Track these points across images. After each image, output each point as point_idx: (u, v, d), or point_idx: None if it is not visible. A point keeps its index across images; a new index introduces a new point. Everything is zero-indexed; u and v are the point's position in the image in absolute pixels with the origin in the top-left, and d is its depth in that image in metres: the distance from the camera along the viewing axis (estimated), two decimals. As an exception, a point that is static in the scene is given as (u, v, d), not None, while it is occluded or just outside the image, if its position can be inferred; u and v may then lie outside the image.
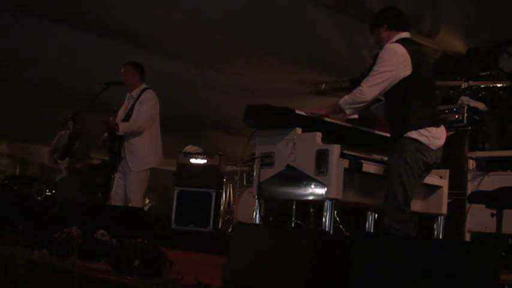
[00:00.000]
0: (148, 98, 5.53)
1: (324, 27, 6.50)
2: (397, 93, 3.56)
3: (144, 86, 5.63)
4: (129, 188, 5.46)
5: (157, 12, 6.34)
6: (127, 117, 5.52)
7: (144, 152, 5.45)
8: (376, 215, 4.51)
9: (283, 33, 6.65)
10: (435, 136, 3.55)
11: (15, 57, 7.45)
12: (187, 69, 8.02)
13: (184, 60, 7.88)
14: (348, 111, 3.65)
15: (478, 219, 4.89)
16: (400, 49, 3.53)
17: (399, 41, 3.60)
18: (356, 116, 3.71)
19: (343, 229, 6.70)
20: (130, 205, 5.48)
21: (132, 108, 5.51)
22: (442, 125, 3.67)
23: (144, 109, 5.41)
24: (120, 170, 5.51)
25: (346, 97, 3.67)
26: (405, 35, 3.68)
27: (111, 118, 5.33)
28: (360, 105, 3.62)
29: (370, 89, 3.54)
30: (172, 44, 7.26)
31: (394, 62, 3.52)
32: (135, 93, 5.58)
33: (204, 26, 6.60)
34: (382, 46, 3.67)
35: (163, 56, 7.64)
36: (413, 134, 3.50)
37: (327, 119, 3.78)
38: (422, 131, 3.50)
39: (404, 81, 3.52)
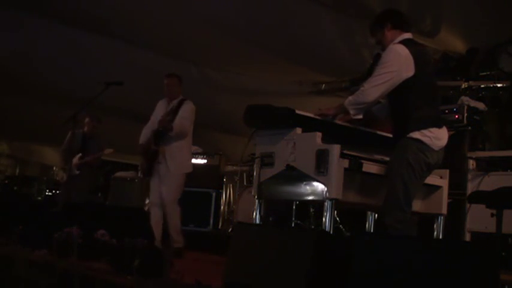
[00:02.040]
0: (189, 108, 5.79)
1: (324, 27, 6.50)
2: (399, 93, 3.56)
3: (181, 96, 5.89)
4: (167, 191, 5.64)
5: (157, 12, 6.34)
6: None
7: (183, 157, 5.76)
8: (376, 215, 4.51)
9: (283, 33, 6.64)
10: (437, 137, 3.55)
11: (15, 57, 7.45)
12: (187, 69, 8.02)
13: (184, 60, 7.88)
14: (351, 112, 3.66)
15: (478, 219, 4.89)
16: (403, 50, 3.54)
17: (402, 42, 3.61)
18: (360, 117, 3.72)
19: (343, 229, 6.70)
20: (166, 209, 5.64)
21: (173, 115, 5.69)
22: (444, 126, 3.67)
23: (186, 116, 5.68)
24: (156, 175, 5.69)
25: (350, 97, 3.69)
26: (408, 35, 3.68)
27: (167, 118, 5.54)
28: (362, 105, 3.63)
29: (373, 89, 3.55)
30: (172, 44, 7.26)
31: (397, 63, 3.52)
32: (175, 102, 5.82)
33: (204, 26, 6.60)
34: (384, 47, 3.67)
35: (163, 55, 7.65)
36: (415, 135, 3.50)
37: (327, 119, 3.78)
38: (424, 131, 3.50)
39: (407, 82, 3.52)
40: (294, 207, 7.10)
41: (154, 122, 5.77)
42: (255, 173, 3.90)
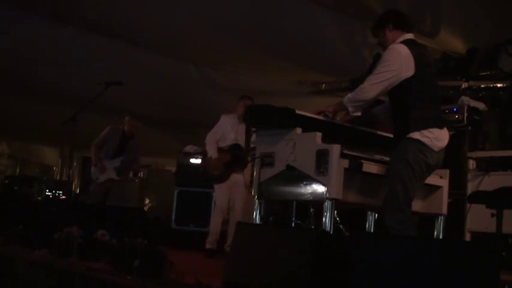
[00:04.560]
0: None
1: (324, 27, 6.50)
2: (400, 94, 3.56)
3: None
4: (240, 198, 6.20)
5: (157, 12, 6.34)
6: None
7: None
8: (376, 215, 4.51)
9: (283, 33, 6.65)
10: (438, 138, 3.54)
11: (15, 57, 7.45)
12: (187, 69, 8.02)
13: (184, 60, 7.88)
14: (350, 109, 3.67)
15: (478, 219, 4.88)
16: (404, 50, 3.54)
17: (403, 42, 3.61)
18: (359, 114, 3.73)
19: (343, 229, 6.70)
20: (234, 213, 6.14)
21: (247, 135, 6.19)
22: (446, 127, 3.66)
23: None
24: (227, 182, 6.21)
25: (349, 95, 3.69)
26: (409, 36, 3.68)
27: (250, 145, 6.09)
28: (361, 103, 3.63)
29: (372, 87, 3.55)
30: (172, 44, 7.26)
31: (397, 62, 3.52)
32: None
33: (204, 26, 6.60)
34: (386, 47, 3.67)
35: (164, 55, 7.65)
36: (415, 135, 3.49)
37: (327, 119, 3.78)
38: (425, 132, 3.50)
39: (407, 82, 3.52)
40: (294, 207, 7.10)
41: (217, 136, 6.35)
42: (255, 173, 3.90)
